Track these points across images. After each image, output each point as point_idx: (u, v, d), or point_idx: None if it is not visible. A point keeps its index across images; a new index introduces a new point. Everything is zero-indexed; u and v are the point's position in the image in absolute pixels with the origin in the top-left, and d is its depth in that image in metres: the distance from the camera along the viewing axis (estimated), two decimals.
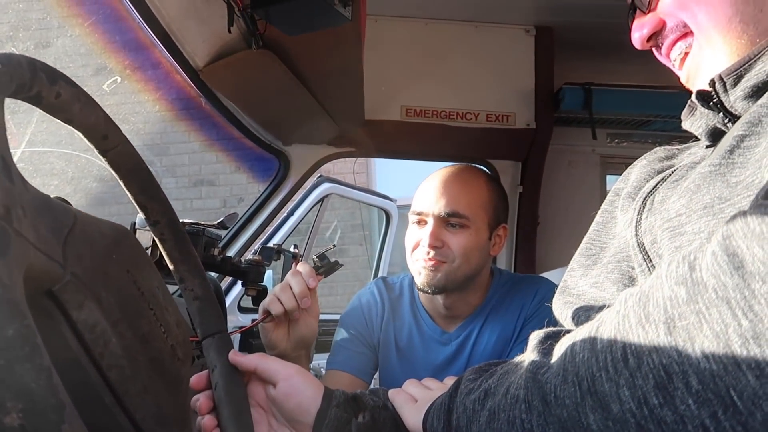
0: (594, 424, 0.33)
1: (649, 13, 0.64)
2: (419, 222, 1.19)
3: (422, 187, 1.21)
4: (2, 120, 0.36)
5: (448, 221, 1.15)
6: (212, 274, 1.63)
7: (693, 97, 0.59)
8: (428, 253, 1.15)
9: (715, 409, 0.28)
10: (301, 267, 0.93)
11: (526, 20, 2.02)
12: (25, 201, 0.35)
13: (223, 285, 2.05)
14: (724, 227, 0.31)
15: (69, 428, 0.28)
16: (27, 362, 0.27)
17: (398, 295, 1.30)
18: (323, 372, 2.26)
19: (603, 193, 2.26)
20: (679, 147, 0.70)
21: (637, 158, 0.74)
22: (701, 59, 0.60)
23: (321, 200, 2.46)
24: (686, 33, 0.61)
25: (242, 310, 2.18)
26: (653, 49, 0.66)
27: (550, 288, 1.18)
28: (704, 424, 0.28)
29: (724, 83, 0.55)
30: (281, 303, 0.90)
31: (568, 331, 0.43)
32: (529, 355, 0.44)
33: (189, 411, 0.54)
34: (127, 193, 0.62)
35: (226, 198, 5.09)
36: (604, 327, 0.35)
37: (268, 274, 2.40)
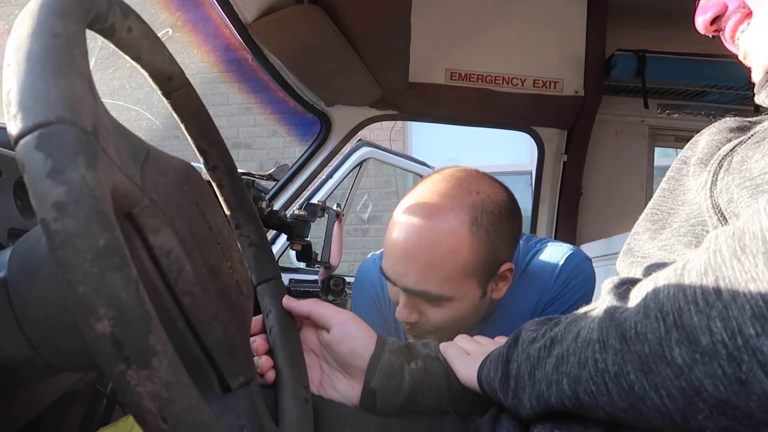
0: (679, 357, 0.32)
1: None
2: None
3: (386, 240, 0.90)
4: (85, 46, 0.36)
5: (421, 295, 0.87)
6: None
7: None
8: (405, 325, 0.94)
9: None
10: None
11: None
12: (108, 123, 0.35)
13: None
14: None
15: (155, 339, 0.28)
16: (117, 272, 0.27)
17: None
18: None
19: (651, 165, 2.20)
20: (750, 119, 0.67)
21: (688, 131, 0.71)
22: (758, 34, 0.57)
23: (360, 164, 2.45)
24: (747, 14, 0.58)
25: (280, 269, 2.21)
26: (719, 34, 0.63)
27: (576, 265, 0.99)
28: None
29: None
30: None
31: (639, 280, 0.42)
32: (604, 299, 0.43)
33: (251, 347, 0.55)
34: (188, 136, 0.62)
35: (263, 161, 5.13)
36: (692, 264, 0.34)
37: None
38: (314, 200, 2.27)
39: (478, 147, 4.79)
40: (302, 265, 1.69)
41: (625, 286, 0.42)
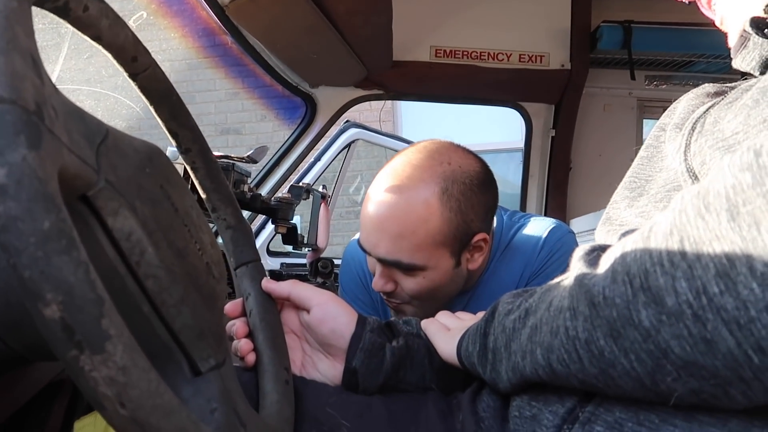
0: (646, 319, 0.32)
1: None
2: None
3: (361, 213, 0.93)
4: (29, 23, 0.34)
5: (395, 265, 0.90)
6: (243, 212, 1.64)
7: (746, 26, 0.55)
8: (383, 294, 0.97)
9: None
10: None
11: None
12: (57, 103, 0.34)
13: (254, 227, 2.07)
14: None
15: (108, 322, 0.27)
16: (64, 255, 0.26)
17: None
18: None
19: (639, 138, 2.19)
20: (729, 85, 0.66)
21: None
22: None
23: (348, 146, 2.43)
24: None
25: (271, 253, 2.20)
26: (696, 1, 0.62)
27: (560, 238, 1.01)
28: None
29: None
30: None
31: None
32: (574, 267, 0.42)
33: (224, 329, 0.54)
34: (158, 119, 0.60)
35: (253, 146, 5.08)
36: (658, 226, 0.34)
37: (296, 218, 2.41)
38: (302, 183, 2.26)
39: (469, 125, 4.77)
40: (290, 248, 1.68)
41: (595, 253, 0.42)
